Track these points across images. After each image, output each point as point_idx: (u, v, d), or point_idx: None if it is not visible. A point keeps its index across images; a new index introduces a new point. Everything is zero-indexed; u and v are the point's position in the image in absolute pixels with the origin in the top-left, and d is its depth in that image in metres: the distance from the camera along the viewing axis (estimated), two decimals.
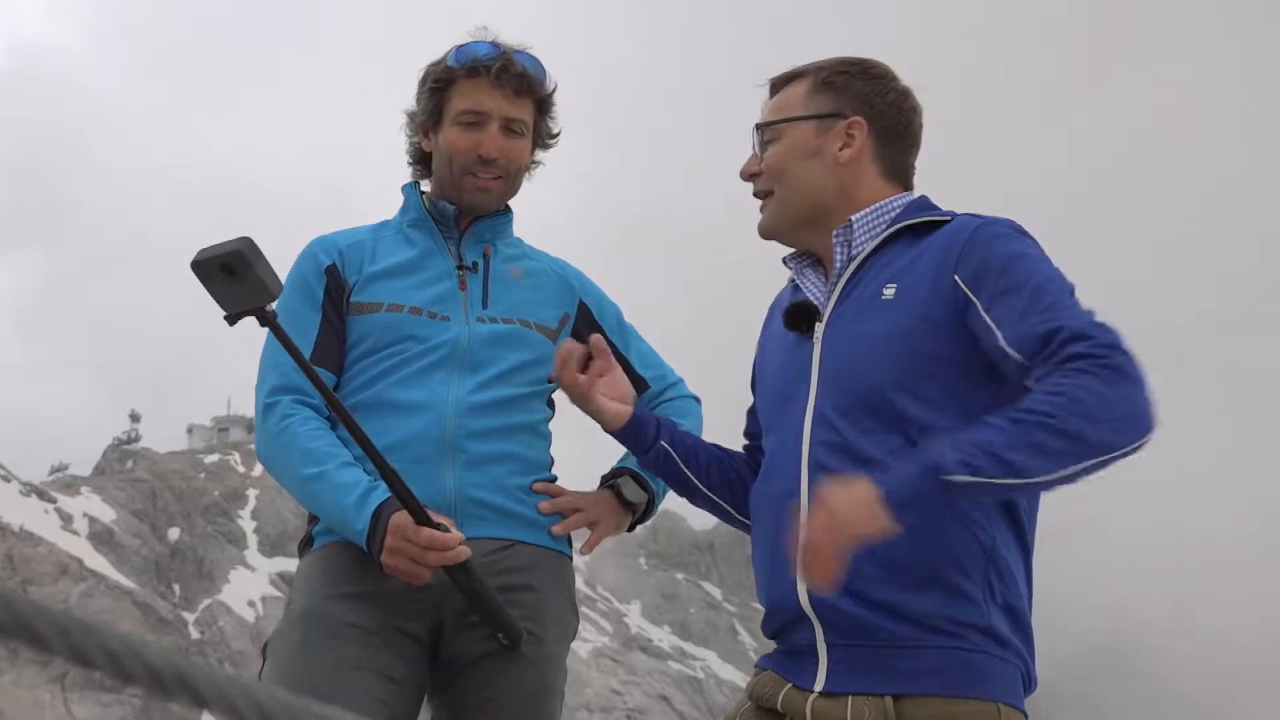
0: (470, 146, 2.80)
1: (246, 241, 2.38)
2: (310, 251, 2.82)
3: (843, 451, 2.25)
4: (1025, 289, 2.15)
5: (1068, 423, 1.97)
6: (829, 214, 2.40)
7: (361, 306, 2.77)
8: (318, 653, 2.57)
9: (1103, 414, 1.97)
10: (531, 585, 2.72)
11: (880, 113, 2.39)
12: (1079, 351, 2.03)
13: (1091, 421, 1.97)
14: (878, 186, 2.40)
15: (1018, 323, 2.12)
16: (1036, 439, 1.97)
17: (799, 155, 2.40)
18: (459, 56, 2.81)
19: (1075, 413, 1.97)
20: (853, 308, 2.32)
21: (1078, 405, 1.97)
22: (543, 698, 2.69)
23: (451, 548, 2.51)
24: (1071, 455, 1.98)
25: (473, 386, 2.72)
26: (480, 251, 2.87)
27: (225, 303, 2.40)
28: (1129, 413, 1.99)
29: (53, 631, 0.68)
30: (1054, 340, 2.07)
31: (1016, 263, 2.19)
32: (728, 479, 2.58)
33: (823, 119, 2.40)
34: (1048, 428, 1.97)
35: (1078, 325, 2.06)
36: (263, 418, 2.71)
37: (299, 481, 2.64)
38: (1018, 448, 1.97)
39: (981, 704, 2.17)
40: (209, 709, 0.74)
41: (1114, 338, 2.05)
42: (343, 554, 2.67)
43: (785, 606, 2.29)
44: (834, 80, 2.41)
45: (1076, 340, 2.05)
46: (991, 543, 2.21)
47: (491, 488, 2.70)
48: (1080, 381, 1.99)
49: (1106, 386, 1.99)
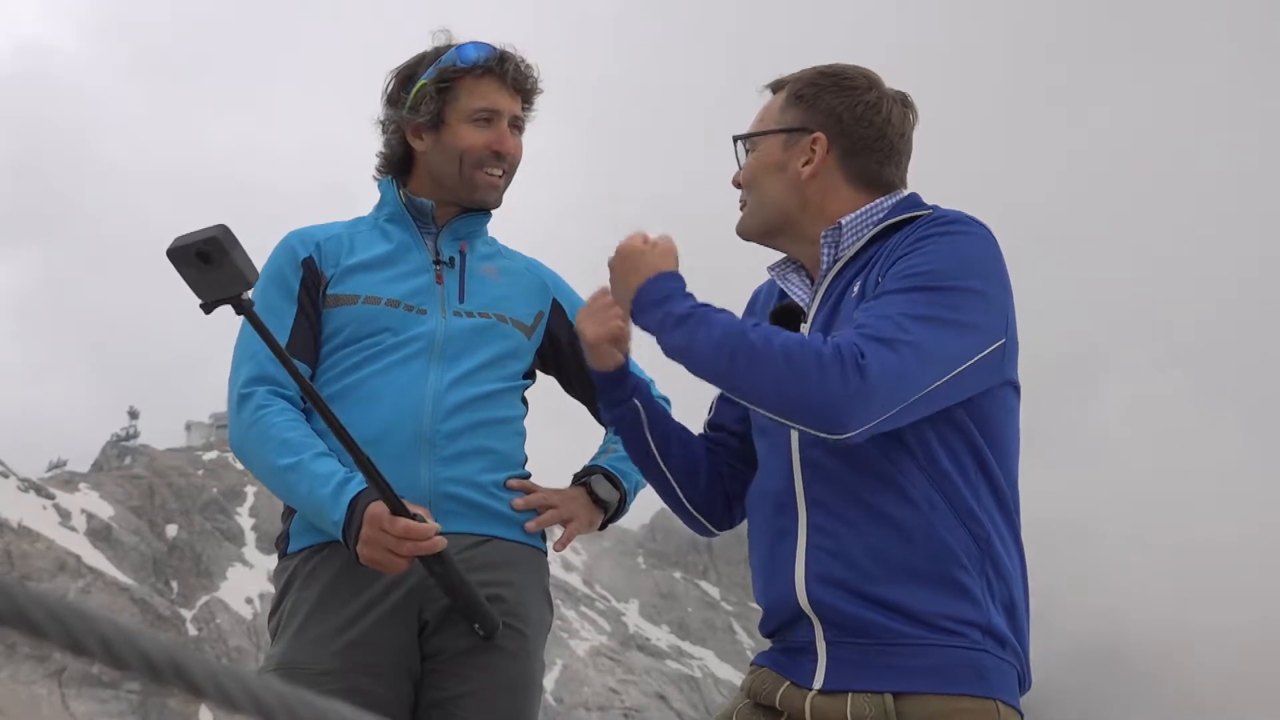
0: (485, 143, 2.82)
1: (222, 229, 2.37)
2: (287, 244, 2.83)
3: (834, 448, 2.25)
4: (904, 273, 2.17)
5: (724, 341, 2.14)
6: (796, 225, 2.42)
7: (338, 299, 2.78)
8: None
9: (765, 377, 2.09)
10: (509, 581, 2.73)
11: (847, 127, 2.39)
12: (839, 340, 2.09)
13: (756, 359, 2.10)
14: (850, 197, 2.41)
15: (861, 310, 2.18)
16: (691, 327, 2.20)
17: (767, 168, 2.44)
18: (465, 56, 2.83)
19: (744, 336, 2.13)
20: (831, 308, 2.34)
21: (766, 339, 2.11)
22: (523, 690, 2.72)
23: (428, 537, 2.51)
24: (715, 354, 2.15)
25: (450, 381, 2.74)
26: (456, 248, 2.89)
27: (201, 290, 2.38)
28: (791, 377, 2.07)
29: (48, 619, 0.68)
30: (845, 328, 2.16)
31: (932, 244, 2.20)
32: (684, 459, 2.58)
33: (790, 133, 2.43)
34: (732, 345, 2.13)
35: (876, 326, 2.09)
36: (237, 408, 2.71)
37: (274, 472, 2.64)
38: (700, 339, 2.18)
39: (982, 702, 2.17)
40: (205, 699, 0.74)
41: (890, 334, 2.08)
42: (323, 572, 2.69)
43: (784, 605, 2.30)
44: (804, 94, 2.43)
45: (857, 331, 2.10)
46: (987, 538, 2.22)
47: (466, 483, 2.72)
48: (788, 340, 2.11)
49: (804, 352, 2.07)
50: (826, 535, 2.25)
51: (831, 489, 2.26)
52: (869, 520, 2.22)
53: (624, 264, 2.37)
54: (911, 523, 2.20)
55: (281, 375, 2.67)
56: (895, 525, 2.21)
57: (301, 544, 2.73)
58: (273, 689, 0.75)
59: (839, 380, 2.04)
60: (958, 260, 2.20)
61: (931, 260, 2.18)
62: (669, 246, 2.40)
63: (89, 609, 0.70)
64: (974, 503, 2.22)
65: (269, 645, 2.80)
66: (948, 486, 2.21)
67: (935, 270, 2.17)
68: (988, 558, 2.21)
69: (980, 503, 2.23)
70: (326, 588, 2.67)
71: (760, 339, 2.11)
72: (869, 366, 2.05)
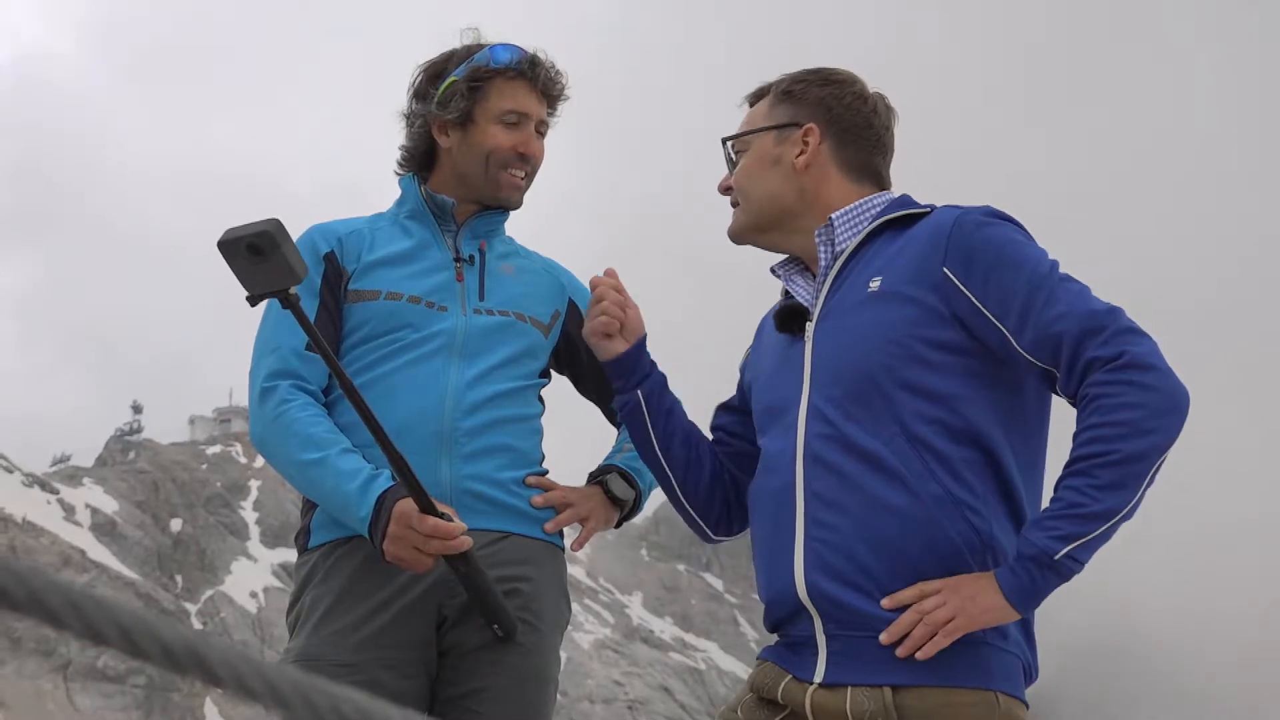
0: (512, 144, 2.85)
1: (275, 223, 2.38)
2: (309, 238, 2.84)
3: (837, 442, 2.28)
4: (1019, 282, 2.22)
5: (1125, 449, 2.10)
6: (793, 217, 2.47)
7: (360, 294, 2.80)
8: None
9: (1150, 422, 2.10)
10: (529, 577, 2.75)
11: (837, 116, 2.47)
12: (1096, 356, 2.13)
13: (1144, 434, 2.10)
14: (845, 188, 2.46)
15: (1025, 325, 2.20)
16: (1106, 479, 2.10)
17: (762, 165, 2.49)
18: (498, 58, 2.85)
19: (1127, 435, 2.10)
20: (841, 303, 2.37)
21: (1126, 428, 2.10)
22: (539, 686, 2.74)
23: (455, 537, 2.53)
24: (1142, 472, 2.11)
25: (470, 378, 2.75)
26: (476, 246, 2.91)
27: (249, 283, 2.40)
28: (1168, 404, 2.12)
29: (66, 608, 0.68)
30: (1065, 346, 2.16)
31: (1003, 251, 2.25)
32: (686, 457, 2.62)
33: (781, 129, 2.48)
34: (1111, 464, 2.10)
35: (1083, 323, 2.16)
36: (259, 402, 2.72)
37: (298, 467, 2.65)
38: (1094, 497, 2.10)
39: (981, 694, 2.19)
40: (221, 686, 0.74)
41: (1118, 322, 2.15)
42: (344, 566, 2.70)
43: (784, 599, 2.31)
44: (792, 90, 2.51)
45: (1088, 340, 2.14)
46: (988, 528, 2.23)
47: (486, 480, 2.74)
48: (1114, 398, 2.11)
49: (1139, 392, 2.10)
50: (825, 528, 2.26)
51: (832, 482, 2.27)
52: (869, 511, 2.23)
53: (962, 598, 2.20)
54: (910, 514, 2.22)
55: (305, 370, 2.71)
56: (894, 516, 2.22)
57: (322, 539, 2.75)
58: (289, 677, 0.75)
59: (1170, 375, 2.15)
60: (1030, 242, 2.32)
61: (1025, 252, 2.27)
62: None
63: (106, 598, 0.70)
64: (975, 494, 2.23)
65: (274, 639, 2.82)
66: (948, 478, 2.22)
67: (1037, 255, 2.27)
68: (989, 550, 2.22)
69: (982, 494, 2.24)
70: (347, 582, 2.69)
71: (1100, 440, 2.12)
72: (1146, 343, 2.16)
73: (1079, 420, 2.17)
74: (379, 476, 2.60)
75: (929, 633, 2.16)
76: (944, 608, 2.16)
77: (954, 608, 2.16)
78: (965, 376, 2.26)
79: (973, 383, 2.26)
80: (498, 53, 2.86)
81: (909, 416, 2.24)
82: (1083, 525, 2.11)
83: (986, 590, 2.16)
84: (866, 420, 2.26)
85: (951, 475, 2.22)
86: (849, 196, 2.45)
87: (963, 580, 2.19)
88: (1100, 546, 2.16)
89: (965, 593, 2.17)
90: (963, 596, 2.16)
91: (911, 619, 2.17)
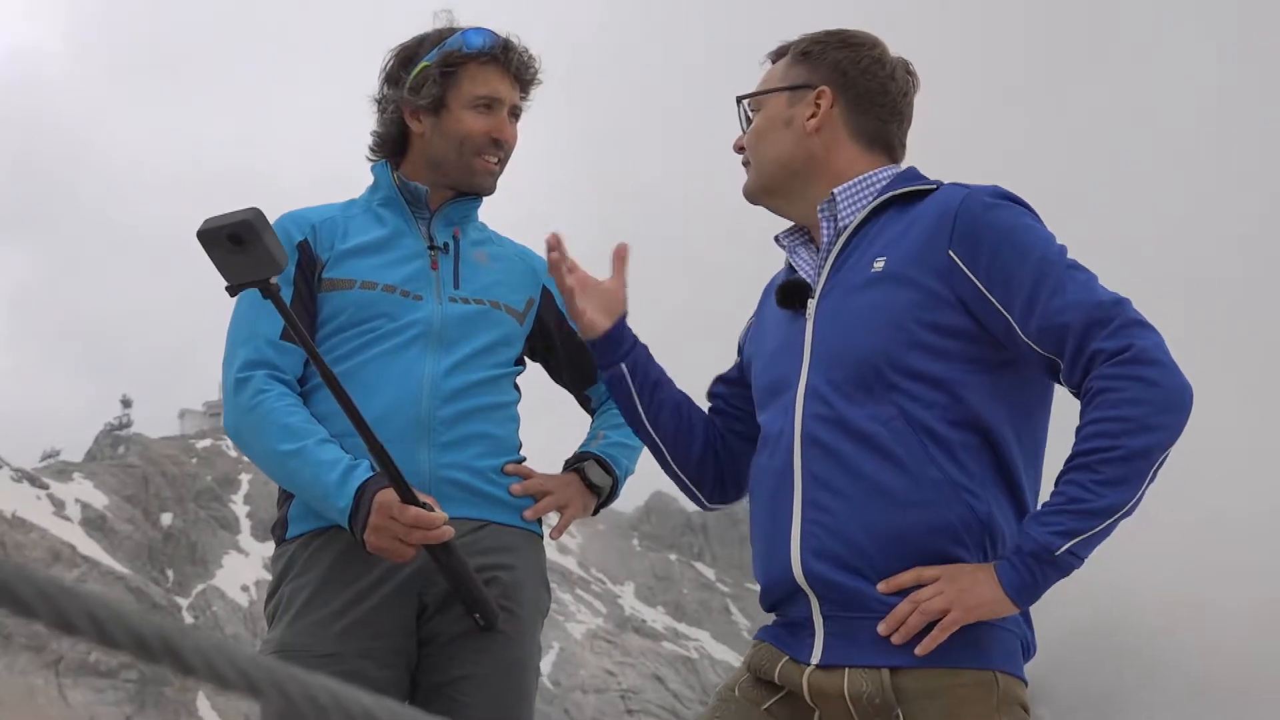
0: (485, 130, 2.82)
1: (255, 212, 2.36)
2: (281, 226, 2.79)
3: (835, 424, 2.27)
4: (1025, 268, 2.20)
5: (1129, 444, 2.09)
6: (803, 182, 2.43)
7: (334, 283, 2.78)
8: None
9: (1154, 418, 2.10)
10: (509, 565, 2.75)
11: (852, 80, 2.42)
12: (1101, 349, 2.12)
13: (1148, 430, 2.10)
14: (855, 155, 2.42)
15: (1030, 313, 2.18)
16: (1109, 475, 2.09)
17: (773, 126, 2.46)
18: (470, 43, 2.82)
19: (1131, 431, 2.09)
20: (844, 282, 2.34)
21: (1130, 423, 2.09)
22: (521, 673, 2.74)
23: (437, 527, 2.53)
24: (1144, 468, 2.11)
25: (447, 366, 2.74)
26: (450, 233, 2.89)
27: (229, 273, 2.38)
28: (1173, 401, 2.12)
29: (36, 597, 0.67)
30: (1070, 337, 2.15)
31: (1010, 236, 2.23)
32: (676, 427, 2.60)
33: (795, 90, 2.44)
34: (1114, 460, 2.09)
35: (1089, 314, 2.15)
36: (234, 392, 2.69)
37: (275, 458, 2.64)
38: (1096, 492, 2.09)
39: (979, 673, 2.19)
40: (194, 675, 0.73)
41: (1124, 314, 2.15)
42: (323, 556, 2.69)
43: (782, 579, 2.30)
44: (810, 51, 2.46)
45: (1093, 332, 2.13)
46: (988, 512, 2.22)
47: (464, 468, 2.73)
48: (1119, 392, 2.10)
49: (1144, 387, 2.10)
50: (823, 510, 2.26)
51: (830, 464, 2.26)
52: (866, 494, 2.23)
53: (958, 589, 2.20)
54: (909, 497, 2.21)
55: (280, 359, 2.69)
56: (891, 499, 2.21)
57: (300, 529, 2.73)
58: (262, 665, 0.75)
59: (1176, 371, 2.14)
60: (1038, 225, 2.30)
61: (1032, 237, 2.25)
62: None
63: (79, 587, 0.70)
64: (974, 478, 2.23)
65: (266, 632, 2.81)
66: (947, 461, 2.22)
67: (1045, 240, 2.25)
68: (987, 533, 2.22)
69: (981, 478, 2.23)
70: (325, 573, 2.68)
71: (1104, 435, 2.12)
72: (1152, 336, 2.15)
73: (1082, 414, 2.16)
74: (358, 466, 2.59)
75: (923, 621, 2.16)
76: (939, 597, 2.15)
77: (949, 598, 2.15)
78: (967, 362, 2.24)
79: (974, 368, 2.24)
80: (470, 38, 2.83)
81: (909, 401, 2.23)
82: (1084, 521, 2.10)
83: (984, 582, 2.15)
84: (866, 403, 2.25)
85: (950, 459, 2.21)
86: (858, 165, 2.41)
87: (961, 570, 2.18)
88: (1101, 542, 2.16)
89: (962, 583, 2.16)
90: (959, 587, 2.15)
91: (906, 608, 2.17)
